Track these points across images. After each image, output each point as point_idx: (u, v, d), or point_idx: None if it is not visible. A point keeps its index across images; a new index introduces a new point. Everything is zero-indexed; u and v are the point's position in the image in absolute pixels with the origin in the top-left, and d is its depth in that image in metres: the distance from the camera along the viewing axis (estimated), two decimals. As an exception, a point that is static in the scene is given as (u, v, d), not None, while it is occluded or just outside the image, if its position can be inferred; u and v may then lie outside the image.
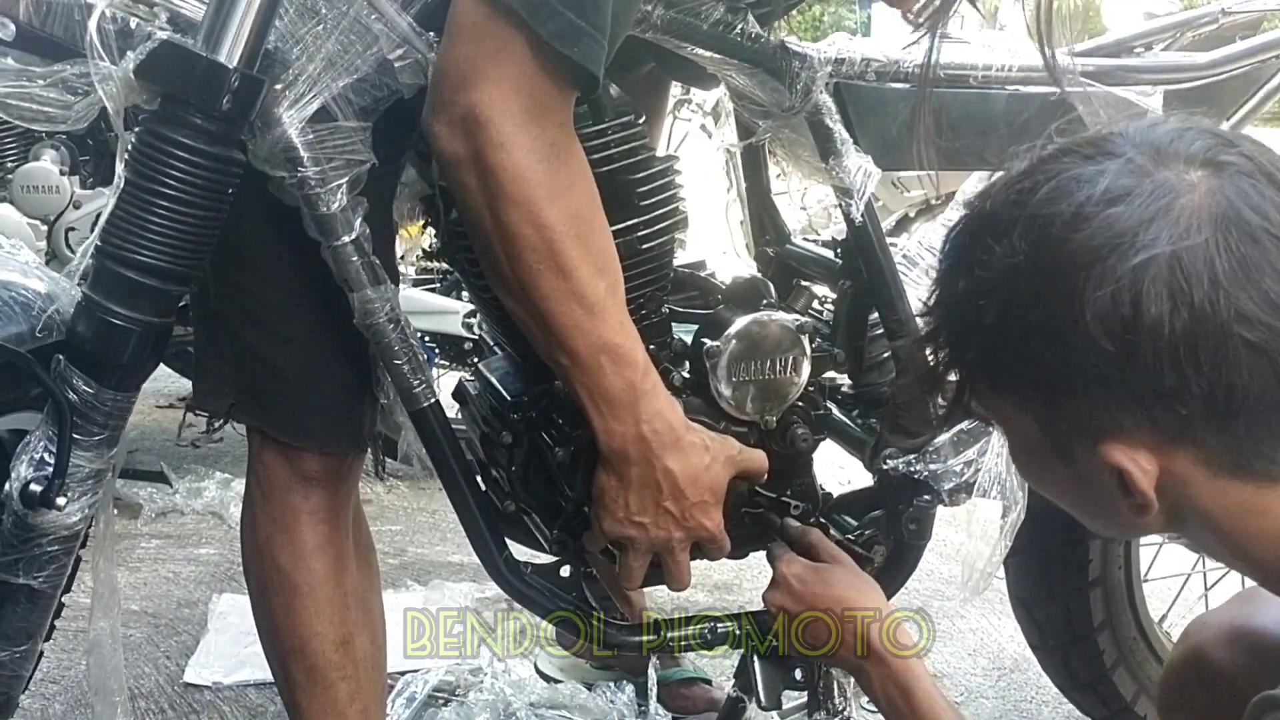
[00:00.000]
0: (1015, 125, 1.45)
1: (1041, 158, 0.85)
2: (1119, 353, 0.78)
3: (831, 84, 1.36)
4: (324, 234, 1.23)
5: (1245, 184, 0.79)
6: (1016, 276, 0.81)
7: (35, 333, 1.14)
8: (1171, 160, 0.80)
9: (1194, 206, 0.78)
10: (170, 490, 2.85)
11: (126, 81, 1.10)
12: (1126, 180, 0.79)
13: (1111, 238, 0.78)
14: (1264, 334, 0.76)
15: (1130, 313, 0.77)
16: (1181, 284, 0.76)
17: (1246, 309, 0.76)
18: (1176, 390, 0.77)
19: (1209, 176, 0.79)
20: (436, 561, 2.60)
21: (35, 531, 1.14)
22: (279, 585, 1.42)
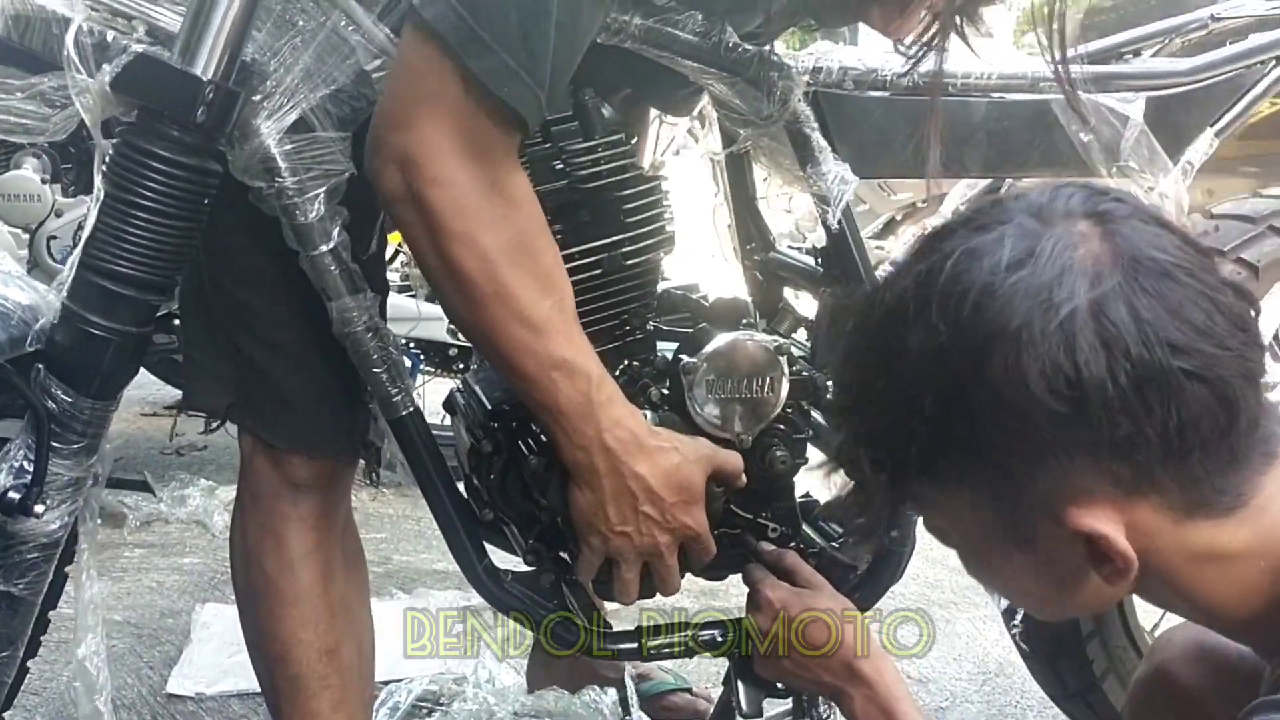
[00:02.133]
0: (995, 132, 1.45)
1: (929, 239, 0.85)
2: (1070, 412, 0.77)
3: (810, 92, 1.36)
4: (302, 244, 1.23)
5: (1133, 226, 0.80)
6: (945, 358, 0.80)
7: (14, 342, 1.14)
8: (1056, 218, 0.81)
9: (1095, 254, 0.79)
10: (154, 499, 2.84)
11: (103, 94, 1.11)
12: (1024, 243, 0.80)
13: (1029, 300, 0.78)
14: (1200, 361, 0.77)
15: (1071, 369, 0.76)
16: (1110, 329, 0.76)
17: (1179, 340, 0.77)
18: (1132, 438, 0.77)
19: (1097, 225, 0.80)
20: (422, 569, 2.60)
21: (15, 539, 1.15)
22: (265, 591, 1.42)
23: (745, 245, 1.68)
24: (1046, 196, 0.83)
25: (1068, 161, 1.48)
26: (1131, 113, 1.48)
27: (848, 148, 1.36)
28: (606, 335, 1.36)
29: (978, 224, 0.83)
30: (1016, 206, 0.83)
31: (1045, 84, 1.45)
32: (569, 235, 1.30)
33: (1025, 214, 0.82)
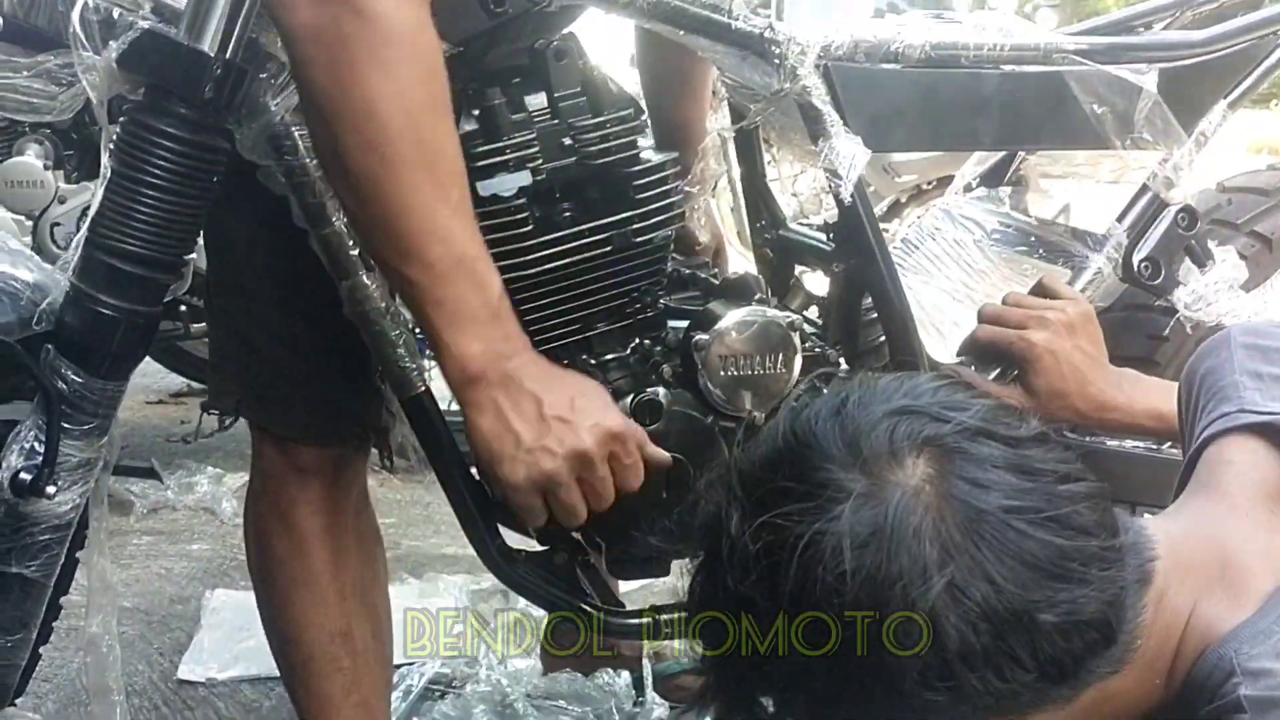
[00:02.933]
0: (1008, 105, 1.44)
1: (764, 525, 0.78)
2: (948, 697, 0.76)
3: (821, 65, 1.35)
4: (312, 222, 1.22)
5: (964, 462, 0.77)
6: (810, 675, 0.77)
7: (24, 323, 1.14)
8: (885, 466, 0.77)
9: (936, 518, 0.75)
10: (162, 486, 2.84)
11: (109, 71, 1.10)
12: (859, 522, 0.75)
13: (882, 594, 0.74)
14: (1066, 608, 0.75)
15: (940, 659, 0.74)
16: (970, 606, 0.74)
17: (1036, 595, 0.75)
18: (1013, 690, 0.76)
19: (928, 468, 0.77)
20: (431, 554, 2.59)
21: (26, 520, 1.15)
22: (277, 575, 1.42)
23: (755, 222, 1.67)
24: (864, 432, 0.78)
25: (1081, 134, 1.47)
26: (1145, 84, 1.46)
27: (860, 121, 1.35)
28: (617, 313, 1.36)
29: (806, 500, 0.77)
30: (833, 451, 0.78)
31: (1058, 55, 1.44)
32: (578, 212, 1.29)
33: (848, 466, 0.77)
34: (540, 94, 1.28)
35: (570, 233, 1.28)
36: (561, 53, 1.28)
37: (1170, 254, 1.58)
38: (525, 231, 1.26)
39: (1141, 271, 1.57)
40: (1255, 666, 0.77)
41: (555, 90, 1.27)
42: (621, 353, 1.37)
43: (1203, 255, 1.59)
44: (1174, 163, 1.55)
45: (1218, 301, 1.57)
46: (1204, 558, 0.85)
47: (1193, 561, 0.84)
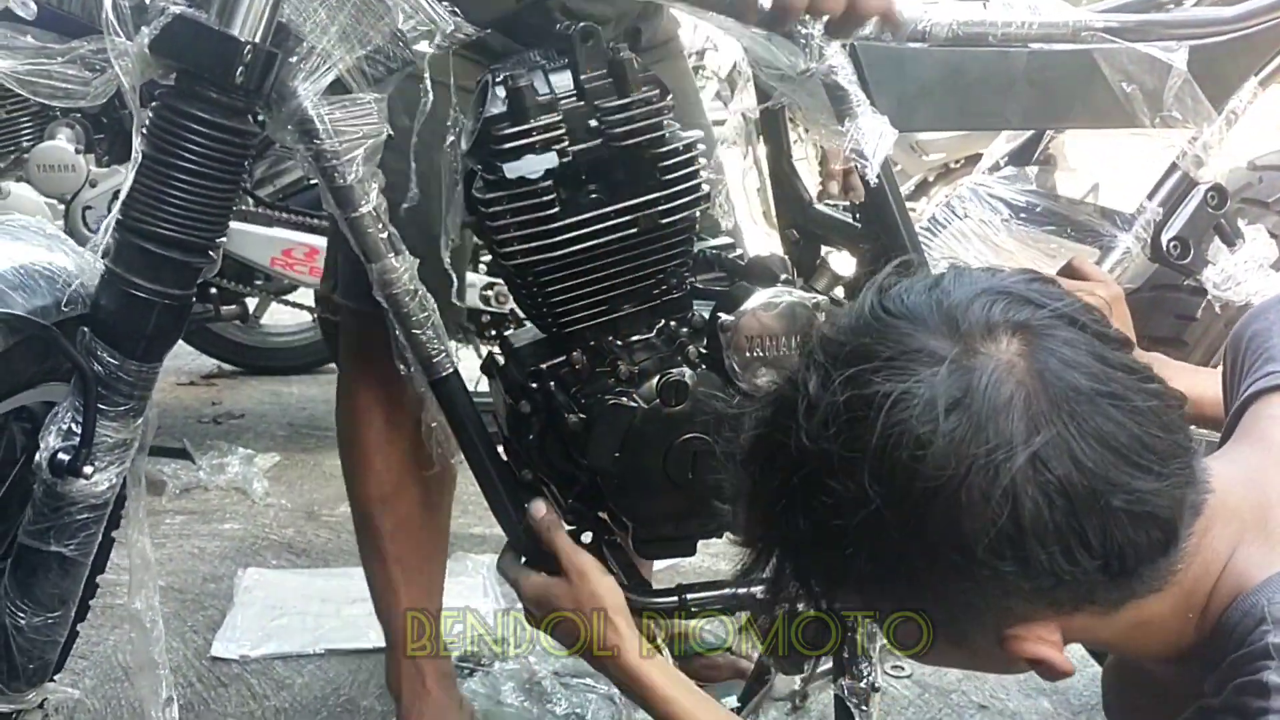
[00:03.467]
0: (1036, 83, 1.43)
1: (847, 376, 0.78)
2: (1015, 569, 0.76)
3: (847, 45, 1.34)
4: (341, 206, 1.23)
5: (1057, 343, 0.78)
6: (880, 523, 0.77)
7: (60, 306, 1.16)
8: (979, 338, 0.78)
9: (1028, 392, 0.76)
10: (194, 467, 2.87)
11: (141, 57, 1.11)
12: (952, 385, 0.76)
13: (966, 458, 0.75)
14: (1140, 496, 0.76)
15: (1014, 529, 0.75)
16: (1050, 479, 0.75)
17: (1115, 477, 0.76)
18: (1074, 575, 0.77)
19: (1022, 345, 0.78)
20: (459, 534, 2.61)
21: (64, 500, 1.17)
22: (341, 439, 1.78)
23: (781, 203, 1.67)
24: (961, 306, 0.79)
25: (1110, 112, 1.46)
26: (1174, 62, 1.45)
27: (886, 100, 1.35)
28: (643, 294, 1.36)
29: (895, 364, 0.77)
30: (928, 320, 0.79)
31: (1087, 33, 1.42)
32: (605, 195, 1.30)
33: (940, 336, 0.78)
34: (567, 76, 1.28)
35: (596, 214, 1.28)
36: (587, 34, 1.28)
37: (1200, 233, 1.56)
38: (552, 214, 1.27)
39: (1170, 251, 1.56)
40: None
41: (581, 72, 1.28)
42: (647, 334, 1.38)
43: (1232, 234, 1.58)
44: (1204, 141, 1.53)
45: (1248, 281, 1.55)
46: (1248, 504, 0.85)
47: (1237, 506, 0.85)
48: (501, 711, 1.92)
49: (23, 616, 1.24)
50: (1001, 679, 2.05)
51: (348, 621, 2.18)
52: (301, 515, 2.70)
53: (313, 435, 3.19)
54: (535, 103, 1.25)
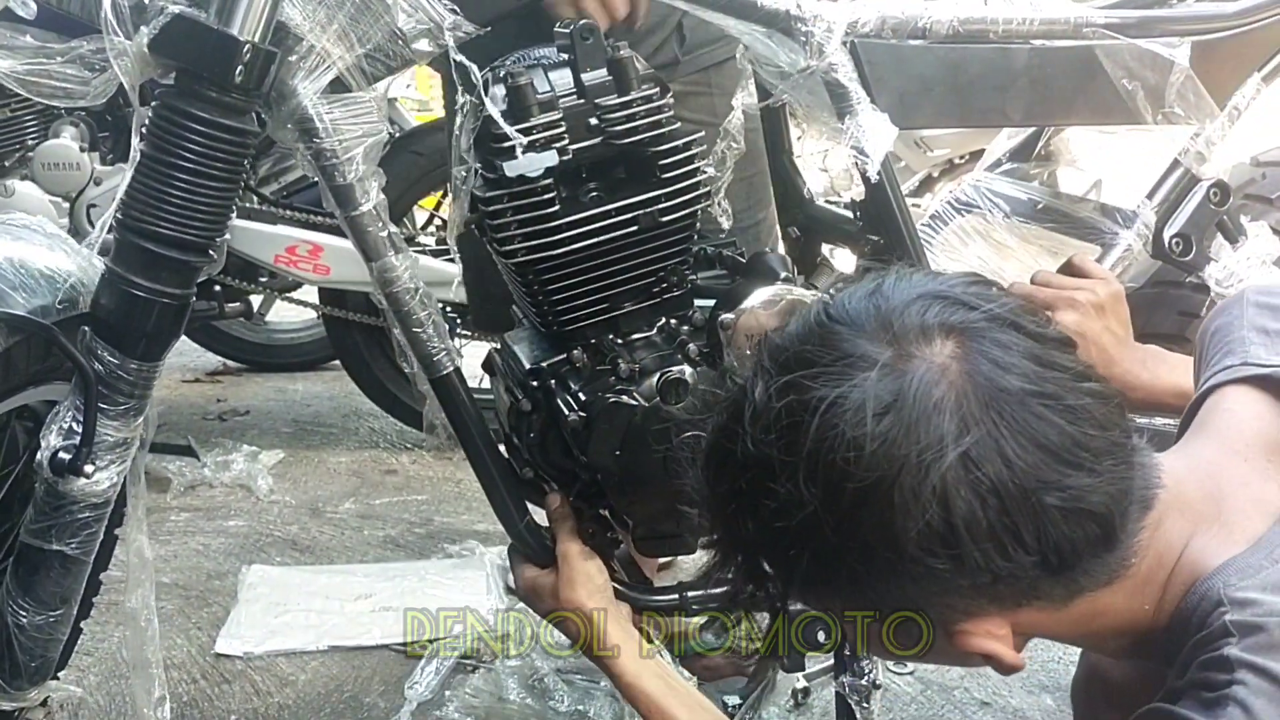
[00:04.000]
0: (1038, 80, 1.43)
1: (787, 383, 0.81)
2: (949, 566, 0.78)
3: (847, 42, 1.34)
4: (341, 204, 1.24)
5: (990, 345, 0.79)
6: (818, 524, 0.79)
7: (61, 305, 1.16)
8: (913, 342, 0.79)
9: (959, 393, 0.77)
10: (198, 464, 2.88)
11: (141, 56, 1.11)
12: (884, 389, 0.78)
13: (897, 459, 0.76)
14: (1073, 494, 0.78)
15: (945, 527, 0.77)
16: (980, 478, 0.76)
17: (1046, 476, 0.77)
18: (1011, 572, 0.79)
19: (956, 347, 0.79)
20: (463, 530, 2.62)
21: (66, 499, 1.18)
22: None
23: (782, 200, 1.67)
24: (898, 309, 0.81)
25: (1112, 109, 1.45)
26: (1177, 58, 1.44)
27: (887, 98, 1.34)
28: (643, 292, 1.36)
29: (831, 369, 0.79)
30: (864, 322, 0.81)
31: (1088, 29, 1.42)
32: (605, 193, 1.30)
33: (876, 339, 0.80)
34: (567, 74, 1.28)
35: (597, 212, 1.28)
36: (587, 32, 1.28)
37: (1202, 229, 1.56)
38: (552, 212, 1.26)
39: (1173, 248, 1.56)
40: (1241, 596, 0.79)
41: (581, 70, 1.28)
42: (648, 332, 1.38)
43: (1235, 230, 1.57)
44: (1206, 137, 1.53)
45: (1250, 277, 1.55)
46: (1202, 496, 0.87)
47: (1192, 498, 0.86)
48: (505, 709, 1.92)
49: (25, 615, 1.25)
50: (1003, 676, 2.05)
51: (351, 618, 2.19)
52: (306, 512, 2.71)
53: (317, 432, 3.20)
54: (535, 101, 1.25)
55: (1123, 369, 1.29)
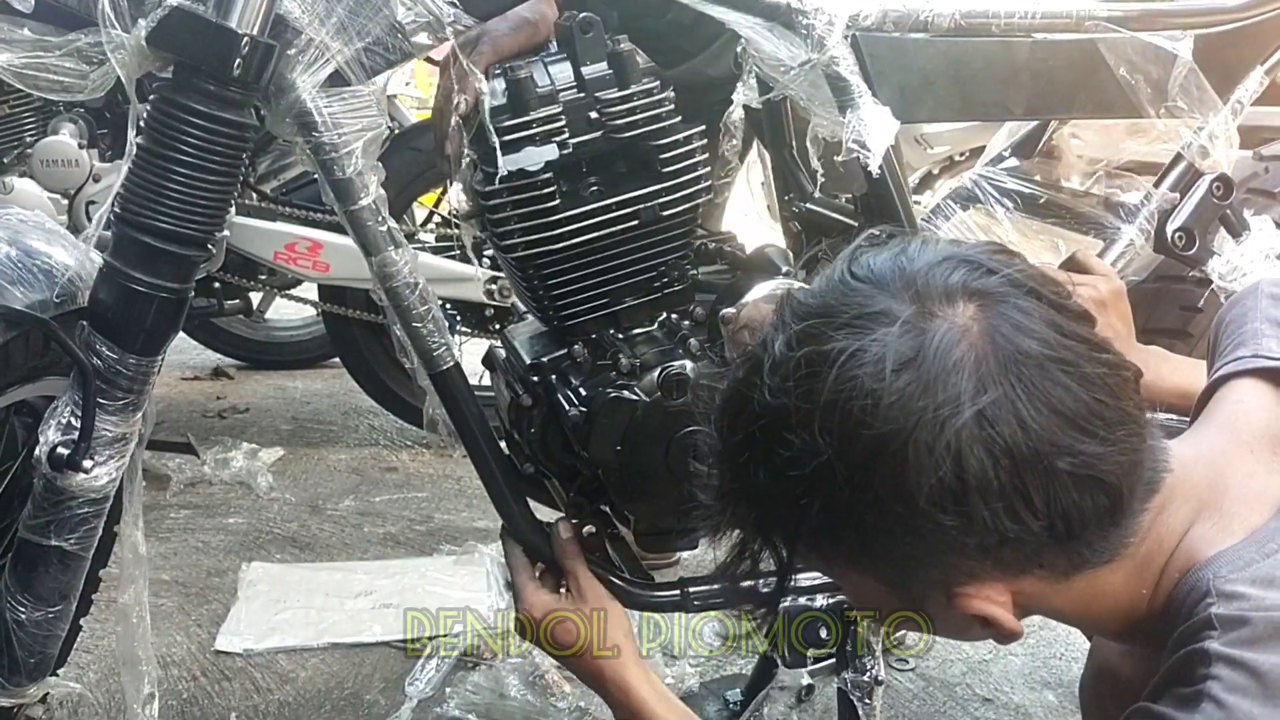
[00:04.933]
0: (1039, 74, 1.42)
1: (808, 334, 0.81)
2: (958, 523, 0.78)
3: (849, 35, 1.34)
4: (340, 198, 1.23)
5: (1011, 310, 0.80)
6: (831, 474, 0.79)
7: (59, 300, 1.15)
8: (936, 302, 0.80)
9: (978, 354, 0.78)
10: (198, 461, 2.87)
11: (139, 49, 1.11)
12: (905, 344, 0.78)
13: (913, 412, 0.77)
14: (1085, 459, 0.78)
15: (957, 484, 0.77)
16: (995, 438, 0.76)
17: (1062, 443, 0.77)
18: (1019, 535, 0.79)
19: (978, 310, 0.80)
20: (464, 527, 2.61)
21: (64, 494, 1.17)
22: None
23: (783, 195, 1.66)
24: (924, 269, 0.82)
25: (1114, 102, 1.45)
26: (1179, 51, 1.44)
27: (888, 91, 1.34)
28: (644, 287, 1.36)
29: (855, 324, 0.80)
30: (889, 282, 0.81)
31: (1091, 23, 1.41)
32: (605, 187, 1.29)
33: (900, 298, 0.80)
34: (567, 67, 1.28)
35: (597, 207, 1.28)
36: (588, 26, 1.27)
37: (1205, 224, 1.55)
38: (552, 206, 1.26)
39: (1175, 242, 1.55)
40: (1229, 589, 0.79)
41: (581, 64, 1.27)
42: (649, 327, 1.38)
43: (1238, 225, 1.57)
44: (1209, 131, 1.52)
45: (1253, 271, 1.55)
46: (1206, 484, 0.87)
47: (1196, 485, 0.87)
48: (505, 706, 1.92)
49: (23, 611, 1.24)
50: (1007, 671, 2.05)
51: (351, 615, 2.19)
52: (305, 509, 2.71)
53: (317, 430, 3.19)
54: (535, 94, 1.25)
55: None
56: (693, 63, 1.74)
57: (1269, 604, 0.78)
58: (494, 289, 2.76)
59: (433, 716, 1.90)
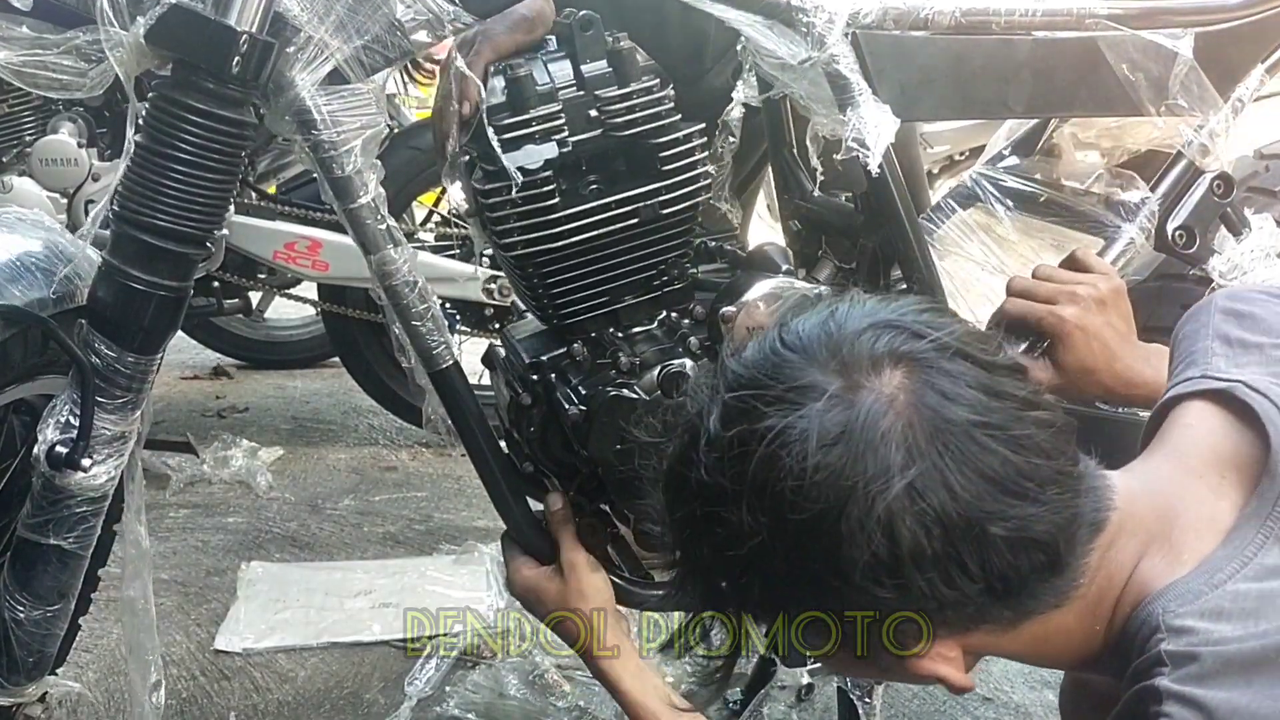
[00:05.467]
0: (1040, 72, 1.42)
1: (739, 410, 0.82)
2: (895, 594, 0.79)
3: (849, 33, 1.33)
4: (339, 197, 1.23)
5: (939, 376, 0.80)
6: (767, 555, 0.80)
7: (58, 298, 1.15)
8: (863, 372, 0.80)
9: (905, 424, 0.78)
10: (197, 460, 2.87)
11: (137, 47, 1.11)
12: (831, 420, 0.78)
13: (843, 490, 0.77)
14: (1017, 523, 0.78)
15: (891, 557, 0.77)
16: (926, 509, 0.77)
17: (991, 506, 0.78)
18: (958, 599, 0.79)
19: (905, 378, 0.80)
20: (463, 527, 2.61)
21: (63, 493, 1.17)
22: None
23: (783, 194, 1.66)
24: (850, 337, 0.82)
25: (1115, 100, 1.45)
26: (1180, 49, 1.44)
27: (888, 89, 1.33)
28: (644, 285, 1.36)
29: (784, 397, 0.80)
30: (815, 350, 0.81)
31: (1091, 20, 1.41)
32: (605, 185, 1.29)
33: (826, 368, 0.80)
34: (566, 65, 1.28)
35: (597, 205, 1.28)
36: (587, 24, 1.27)
37: (1205, 222, 1.55)
38: (552, 204, 1.26)
39: (1176, 240, 1.55)
40: (1179, 624, 0.79)
41: (581, 62, 1.27)
42: (648, 325, 1.37)
43: (1239, 223, 1.57)
44: (1210, 129, 1.52)
45: (1254, 270, 1.54)
46: (1154, 515, 0.87)
47: (1144, 518, 0.87)
48: (505, 705, 1.92)
49: (22, 610, 1.24)
50: (1007, 670, 2.05)
51: (351, 615, 2.19)
52: (305, 509, 2.70)
53: (316, 429, 3.19)
54: (534, 92, 1.25)
55: (1124, 365, 1.28)
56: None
57: (1217, 638, 0.78)
58: (493, 288, 2.76)
59: (432, 716, 1.90)
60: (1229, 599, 0.80)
